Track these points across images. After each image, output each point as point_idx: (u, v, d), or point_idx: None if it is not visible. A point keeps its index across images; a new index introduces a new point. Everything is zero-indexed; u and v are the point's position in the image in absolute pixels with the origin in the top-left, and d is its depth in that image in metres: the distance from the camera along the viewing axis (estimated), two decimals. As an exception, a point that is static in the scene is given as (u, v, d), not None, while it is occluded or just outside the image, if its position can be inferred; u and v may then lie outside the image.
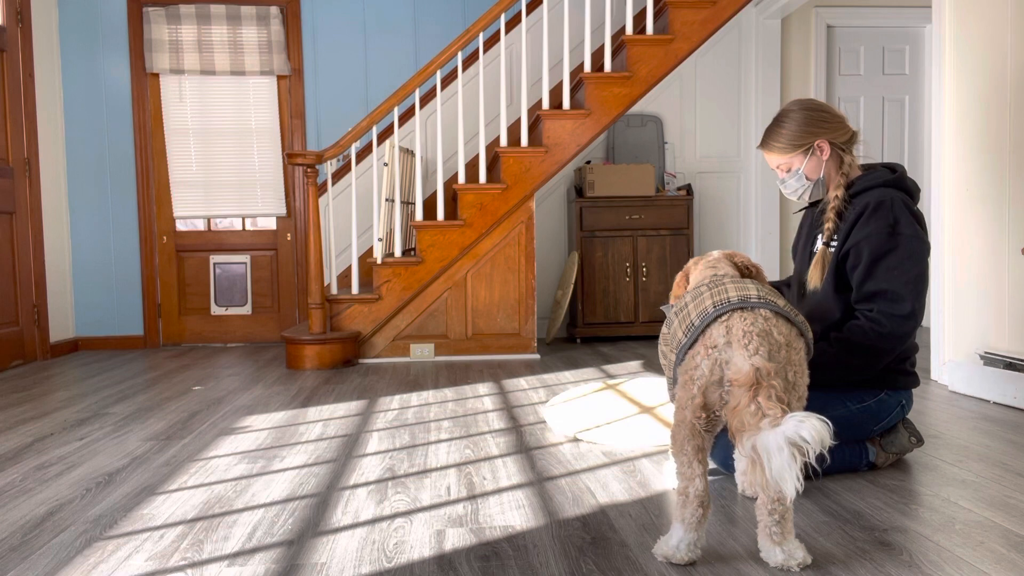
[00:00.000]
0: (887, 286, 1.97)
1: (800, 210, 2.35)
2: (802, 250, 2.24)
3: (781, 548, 1.49)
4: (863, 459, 2.10)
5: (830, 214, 2.08)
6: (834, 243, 2.08)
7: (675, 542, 1.52)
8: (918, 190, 2.11)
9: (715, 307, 1.57)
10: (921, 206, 2.21)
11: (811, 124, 2.07)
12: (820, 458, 1.32)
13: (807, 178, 2.12)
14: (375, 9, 5.18)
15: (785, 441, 1.30)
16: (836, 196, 2.08)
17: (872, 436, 2.12)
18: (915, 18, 5.30)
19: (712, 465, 2.08)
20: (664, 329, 1.79)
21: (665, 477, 2.11)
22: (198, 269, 5.24)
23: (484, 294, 4.30)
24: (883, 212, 1.99)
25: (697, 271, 1.90)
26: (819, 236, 2.15)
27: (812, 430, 1.29)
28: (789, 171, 2.13)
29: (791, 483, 1.30)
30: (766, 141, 2.14)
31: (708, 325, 1.56)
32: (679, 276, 1.97)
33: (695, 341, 1.57)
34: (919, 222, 2.03)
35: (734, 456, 1.99)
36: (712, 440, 1.58)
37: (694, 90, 5.29)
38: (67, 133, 5.04)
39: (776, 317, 1.55)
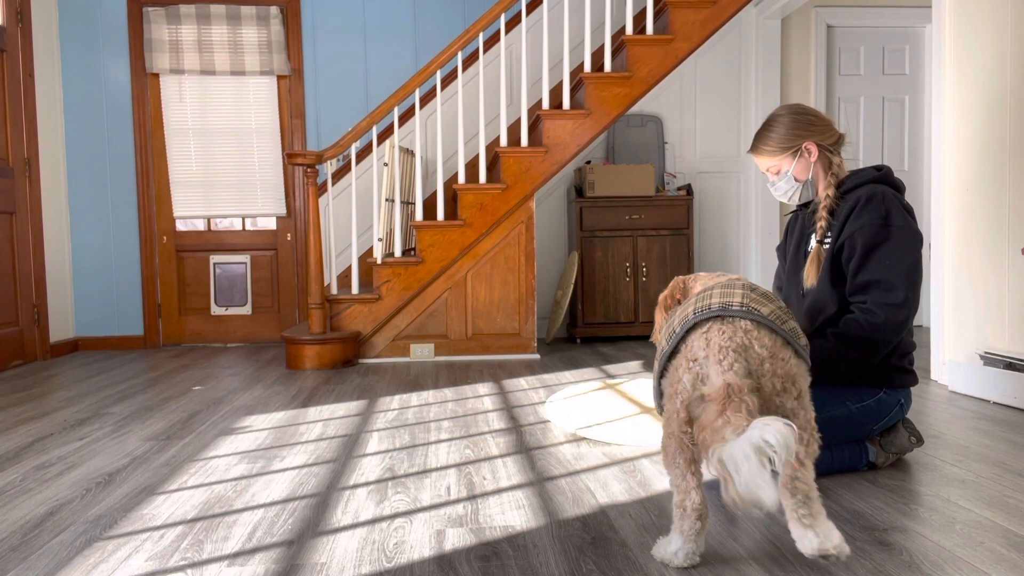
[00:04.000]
0: (880, 276, 2.00)
1: (790, 212, 2.37)
2: (794, 252, 2.26)
3: (814, 531, 1.41)
4: (863, 459, 2.11)
5: (822, 212, 2.11)
6: (828, 240, 2.11)
7: (674, 549, 1.51)
8: (903, 188, 2.17)
9: (695, 314, 1.53)
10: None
11: (799, 127, 2.12)
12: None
13: (796, 179, 2.16)
14: (375, 9, 5.18)
15: (751, 448, 1.24)
16: (827, 195, 2.11)
17: (872, 436, 2.12)
18: (915, 18, 5.30)
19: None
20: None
21: (665, 477, 2.11)
22: (198, 269, 5.24)
23: (484, 294, 4.30)
24: (875, 205, 2.03)
25: (700, 283, 1.87)
26: (812, 236, 2.17)
27: (776, 434, 1.23)
28: (778, 173, 2.17)
29: (767, 491, 1.23)
30: (755, 145, 2.19)
31: (687, 333, 1.52)
32: (673, 284, 1.95)
33: (676, 350, 1.53)
34: (910, 214, 2.06)
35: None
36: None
37: (694, 90, 5.29)
38: (67, 133, 5.04)
39: (758, 328, 1.49)
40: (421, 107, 5.02)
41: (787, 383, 1.48)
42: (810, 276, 2.12)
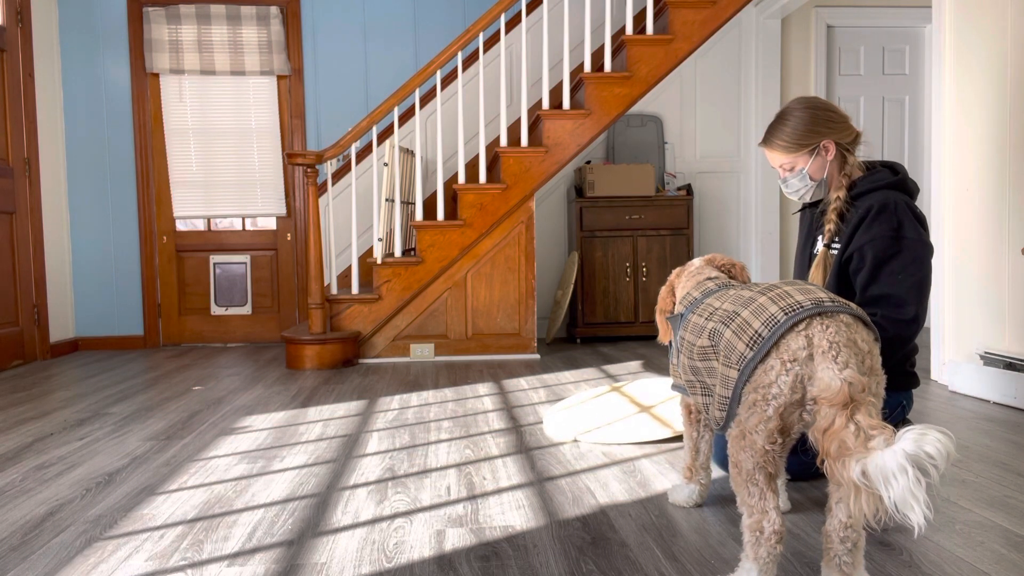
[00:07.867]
0: (890, 291, 1.94)
1: (798, 211, 2.33)
2: (800, 251, 2.23)
3: None
4: (864, 459, 2.09)
5: (831, 215, 2.04)
6: (835, 245, 2.06)
7: None
8: (918, 191, 2.09)
9: (786, 313, 1.36)
10: (922, 206, 2.20)
11: (817, 124, 2.03)
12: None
13: (811, 178, 2.08)
14: (375, 9, 5.18)
15: (907, 460, 1.11)
16: (838, 197, 2.04)
17: (873, 436, 2.10)
18: (915, 18, 5.30)
19: (714, 467, 2.08)
20: (697, 340, 1.54)
21: (665, 477, 2.11)
22: (198, 269, 5.24)
23: (484, 294, 4.30)
24: (887, 216, 1.96)
25: (681, 282, 1.81)
26: (819, 237, 2.13)
27: (937, 443, 1.11)
28: (792, 171, 2.08)
29: (919, 510, 1.10)
30: (769, 139, 2.09)
31: (783, 335, 1.35)
32: (664, 290, 1.89)
33: (767, 354, 1.36)
34: (922, 225, 2.01)
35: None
36: (784, 463, 1.42)
37: (694, 90, 5.29)
38: (67, 133, 5.04)
39: (856, 322, 1.37)
40: (421, 107, 5.02)
41: (880, 384, 1.36)
42: (815, 281, 2.07)
